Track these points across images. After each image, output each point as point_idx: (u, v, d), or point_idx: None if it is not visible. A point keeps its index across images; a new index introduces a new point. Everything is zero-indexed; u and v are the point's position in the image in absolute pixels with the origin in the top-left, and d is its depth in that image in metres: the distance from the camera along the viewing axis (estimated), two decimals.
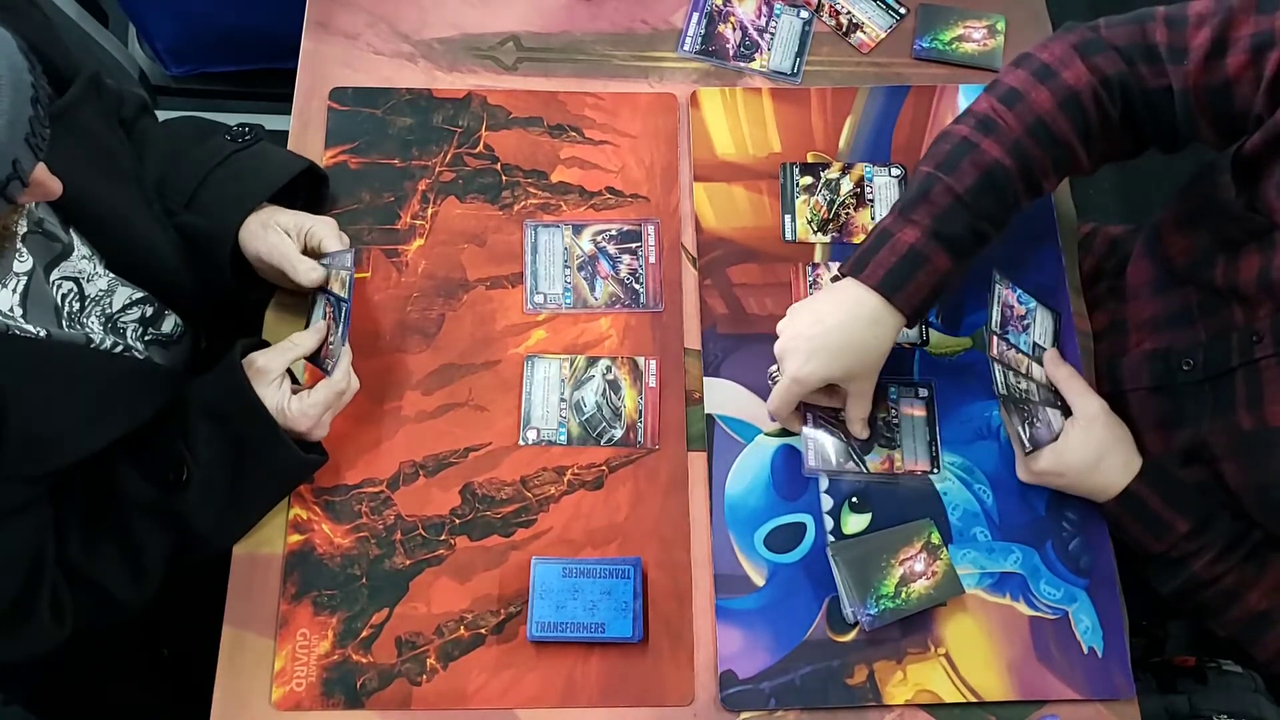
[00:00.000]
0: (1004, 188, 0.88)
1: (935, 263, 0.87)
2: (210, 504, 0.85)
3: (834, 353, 0.89)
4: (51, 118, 0.69)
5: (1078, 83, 0.88)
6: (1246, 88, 0.83)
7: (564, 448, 0.96)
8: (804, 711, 0.89)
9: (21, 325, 0.77)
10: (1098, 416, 0.90)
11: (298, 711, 0.87)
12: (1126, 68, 0.89)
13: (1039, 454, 0.90)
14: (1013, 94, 0.90)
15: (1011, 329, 0.95)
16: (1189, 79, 0.86)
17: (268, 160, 0.95)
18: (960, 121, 0.91)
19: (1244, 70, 0.83)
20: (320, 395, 0.87)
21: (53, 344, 0.79)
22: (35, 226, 0.80)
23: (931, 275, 0.87)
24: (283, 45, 1.18)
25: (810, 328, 0.89)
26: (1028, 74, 0.90)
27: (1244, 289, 0.86)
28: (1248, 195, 0.85)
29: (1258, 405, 0.84)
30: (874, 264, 0.88)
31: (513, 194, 1.05)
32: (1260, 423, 0.84)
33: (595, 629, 0.88)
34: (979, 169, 0.88)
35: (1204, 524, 0.88)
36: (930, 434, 0.97)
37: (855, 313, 0.88)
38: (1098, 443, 0.89)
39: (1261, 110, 0.83)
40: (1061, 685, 0.90)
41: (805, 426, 0.96)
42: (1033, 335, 0.95)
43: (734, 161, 1.08)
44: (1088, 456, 0.89)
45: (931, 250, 0.87)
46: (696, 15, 1.15)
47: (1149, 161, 0.98)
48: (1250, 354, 0.85)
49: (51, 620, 0.81)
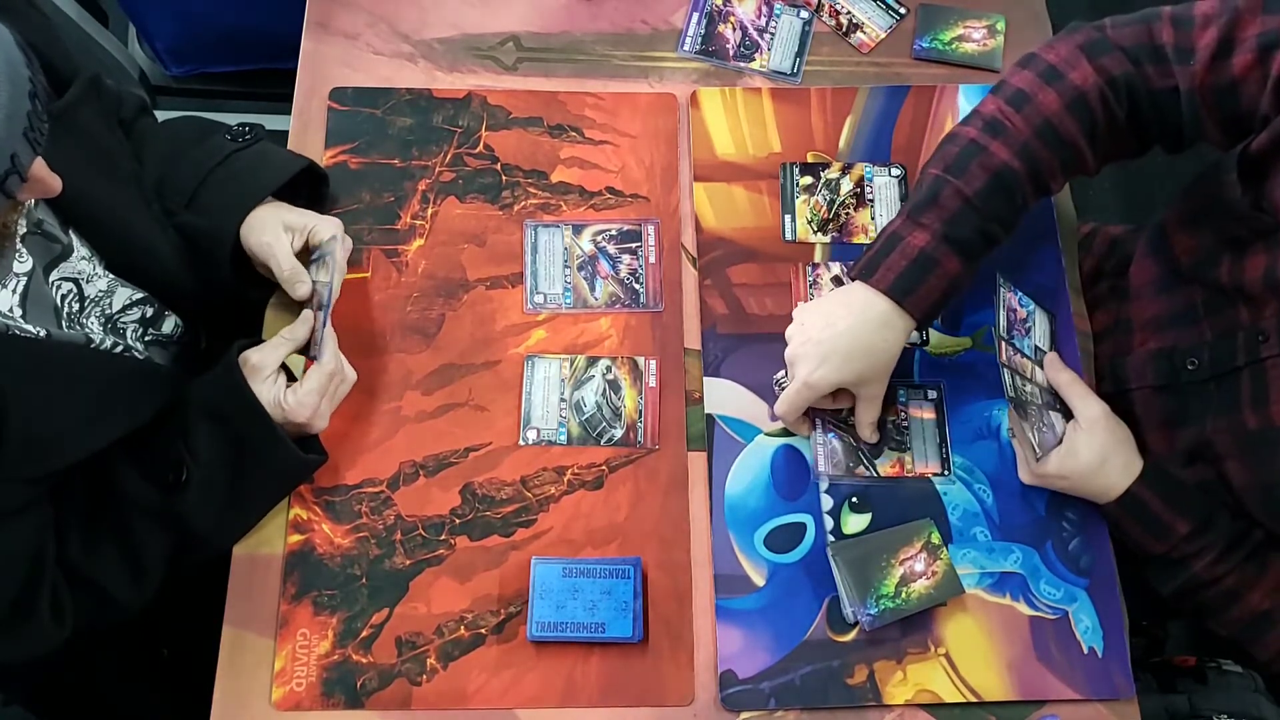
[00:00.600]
0: (1013, 190, 0.88)
1: (946, 266, 0.87)
2: (210, 504, 0.85)
3: (845, 357, 0.89)
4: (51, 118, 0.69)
5: (1085, 84, 0.88)
6: (1253, 87, 0.83)
7: (564, 448, 0.96)
8: (804, 711, 0.89)
9: (21, 325, 0.77)
10: (1099, 420, 0.90)
11: (298, 711, 0.87)
12: (1133, 68, 0.89)
13: (1046, 458, 0.90)
14: (1020, 96, 0.90)
15: (1016, 333, 0.95)
16: (1195, 79, 0.86)
17: (267, 159, 0.95)
18: (967, 123, 0.91)
19: (1250, 70, 0.83)
20: (313, 382, 0.87)
21: (52, 344, 0.79)
22: (35, 227, 0.80)
23: (942, 279, 0.87)
24: (283, 45, 1.18)
25: (821, 332, 0.89)
26: (1034, 75, 0.90)
27: (1249, 288, 0.86)
28: (1254, 194, 0.85)
29: (1263, 404, 0.84)
30: (884, 268, 0.88)
31: (513, 194, 1.05)
32: (1266, 422, 0.84)
33: (595, 629, 0.88)
34: (988, 171, 0.88)
35: (1204, 525, 0.88)
36: (940, 436, 0.97)
37: (865, 316, 0.88)
38: (1100, 446, 0.89)
39: (1268, 110, 0.83)
40: (1061, 685, 0.90)
41: (815, 432, 0.96)
42: (1033, 338, 0.95)
43: (734, 161, 1.08)
44: (1090, 460, 0.89)
45: (942, 254, 0.87)
46: (696, 15, 1.15)
47: (1151, 162, 0.98)
48: (1256, 353, 0.85)
49: (52, 620, 0.81)
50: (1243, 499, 0.87)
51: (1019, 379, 0.90)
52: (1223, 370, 0.88)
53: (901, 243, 0.88)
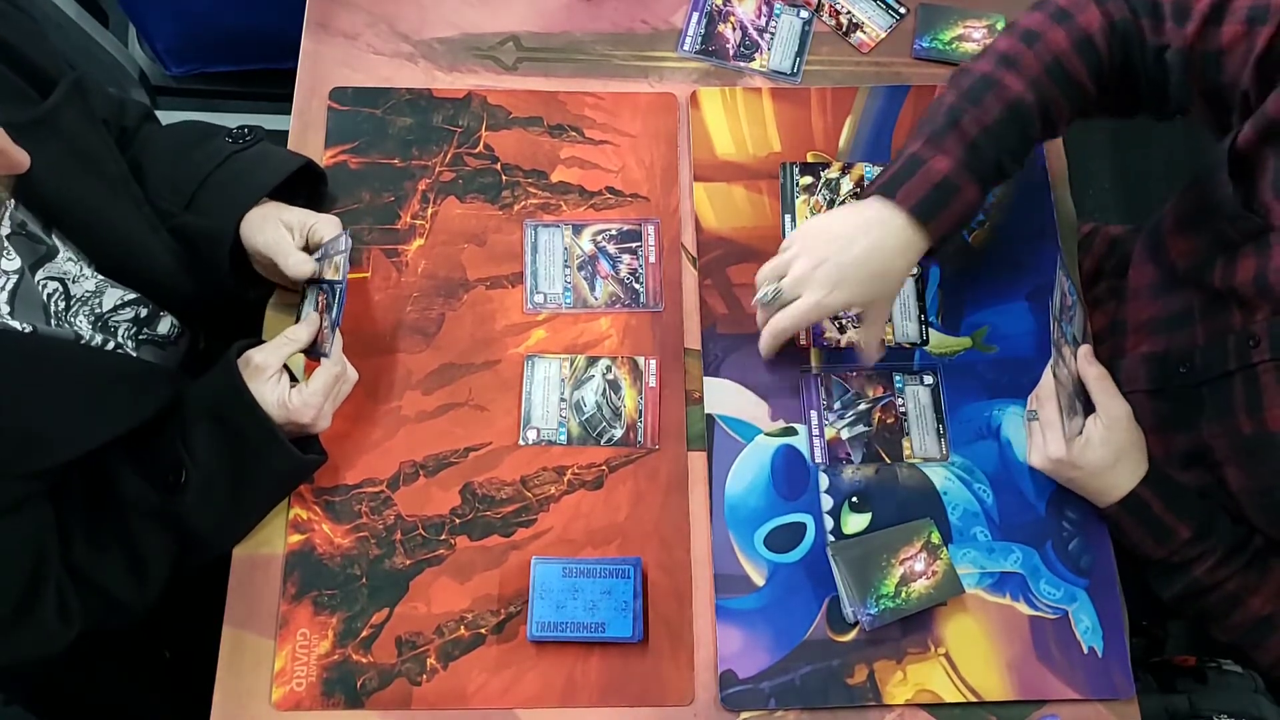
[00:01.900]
0: (1026, 123, 0.90)
1: (966, 194, 0.88)
2: (210, 505, 0.85)
3: (860, 280, 0.89)
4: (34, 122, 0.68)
5: (1090, 26, 0.90)
6: (1236, 60, 0.84)
7: (564, 447, 0.96)
8: (804, 711, 0.89)
9: (7, 322, 0.77)
10: (1121, 420, 0.90)
11: (298, 711, 0.87)
12: (1131, 17, 0.90)
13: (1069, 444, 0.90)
14: (1031, 34, 0.91)
15: (1063, 319, 0.94)
16: (1186, 40, 0.87)
17: (266, 159, 0.95)
18: (980, 59, 0.93)
19: (1237, 42, 0.84)
20: (319, 383, 0.87)
21: (39, 339, 0.79)
22: (18, 229, 0.79)
23: (962, 205, 0.89)
24: (283, 45, 1.18)
25: (840, 254, 0.88)
26: (1045, 16, 0.92)
27: (1241, 291, 0.86)
28: (1244, 193, 0.85)
29: (1258, 410, 0.84)
30: (907, 189, 0.88)
31: (513, 194, 1.05)
32: (1260, 427, 0.83)
33: (595, 629, 0.88)
34: (1003, 103, 0.89)
35: (1206, 529, 0.88)
36: (938, 420, 0.98)
37: (884, 239, 0.88)
38: (1116, 445, 0.89)
39: (1248, 86, 0.84)
40: (1061, 685, 0.90)
41: None
42: (1074, 327, 0.95)
43: (734, 161, 1.08)
44: (1105, 456, 0.89)
45: (963, 181, 0.88)
46: (696, 15, 1.15)
47: (1150, 161, 0.98)
48: (1247, 358, 0.85)
49: (58, 620, 0.81)
50: (1241, 503, 0.87)
51: (1060, 361, 0.90)
52: (1214, 375, 0.88)
53: (924, 166, 0.88)
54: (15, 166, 0.71)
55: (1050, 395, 0.90)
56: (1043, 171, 1.09)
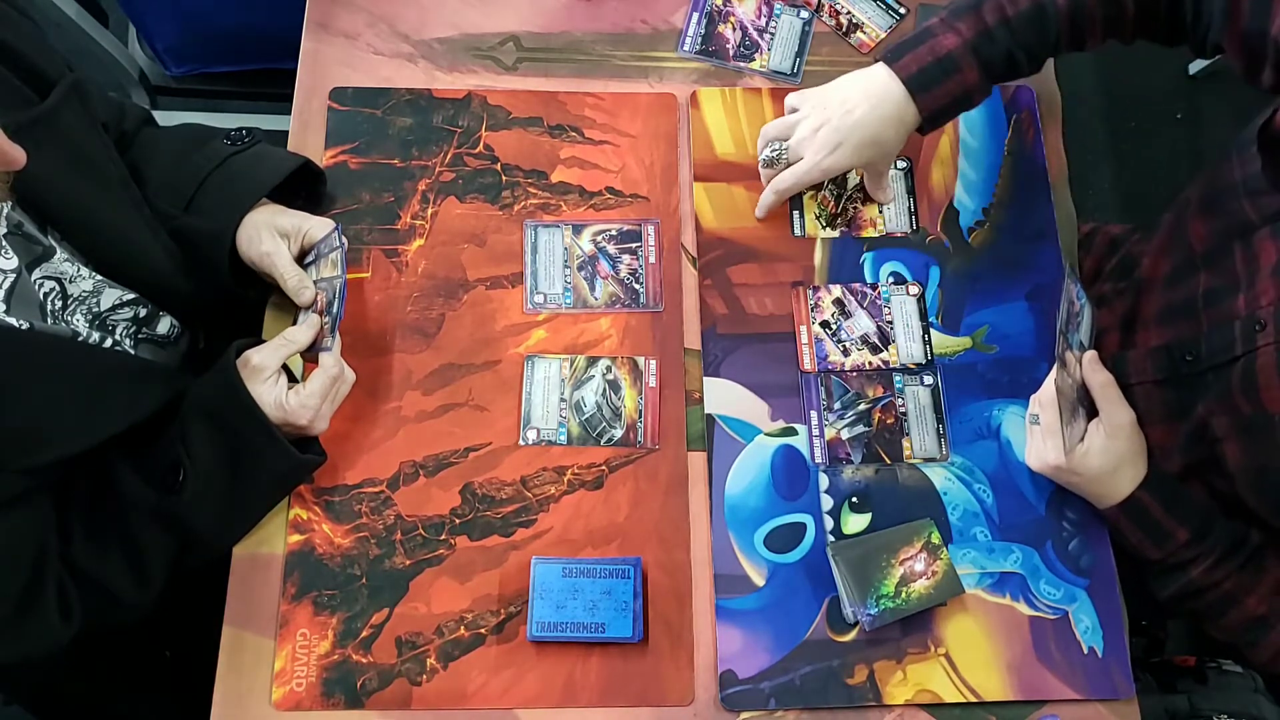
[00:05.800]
0: (1049, 23, 0.91)
1: (965, 75, 0.90)
2: (209, 505, 0.85)
3: (856, 146, 0.94)
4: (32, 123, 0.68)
5: None
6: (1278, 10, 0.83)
7: (564, 448, 0.96)
8: (804, 711, 0.89)
9: (4, 319, 0.77)
10: (1124, 428, 0.90)
11: (298, 711, 0.87)
12: None
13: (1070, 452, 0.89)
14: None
15: (1070, 326, 0.94)
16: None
17: (263, 160, 0.95)
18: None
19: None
20: (316, 385, 0.87)
21: (35, 335, 0.79)
22: (15, 229, 0.79)
23: (958, 85, 0.90)
24: (283, 45, 1.18)
25: (841, 119, 0.93)
26: None
27: (1256, 276, 0.86)
28: (1273, 171, 0.85)
29: (1253, 391, 0.84)
30: (909, 58, 0.91)
31: (513, 194, 1.05)
32: (1258, 408, 0.84)
33: (595, 629, 0.88)
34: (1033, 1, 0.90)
35: (1203, 532, 0.88)
36: (938, 421, 0.98)
37: (880, 107, 0.92)
38: (1117, 453, 0.89)
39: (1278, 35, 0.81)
40: (1061, 685, 0.90)
41: None
42: (1080, 333, 0.95)
43: (734, 161, 1.08)
44: (1107, 463, 0.89)
45: (966, 63, 0.90)
46: (696, 15, 1.15)
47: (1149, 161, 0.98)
48: (1253, 342, 0.85)
49: (59, 617, 0.81)
50: (1236, 481, 0.87)
51: (1064, 371, 0.90)
52: (1220, 361, 0.88)
53: (932, 39, 0.91)
54: (11, 163, 0.71)
55: (1051, 402, 0.90)
56: (1043, 171, 1.09)
